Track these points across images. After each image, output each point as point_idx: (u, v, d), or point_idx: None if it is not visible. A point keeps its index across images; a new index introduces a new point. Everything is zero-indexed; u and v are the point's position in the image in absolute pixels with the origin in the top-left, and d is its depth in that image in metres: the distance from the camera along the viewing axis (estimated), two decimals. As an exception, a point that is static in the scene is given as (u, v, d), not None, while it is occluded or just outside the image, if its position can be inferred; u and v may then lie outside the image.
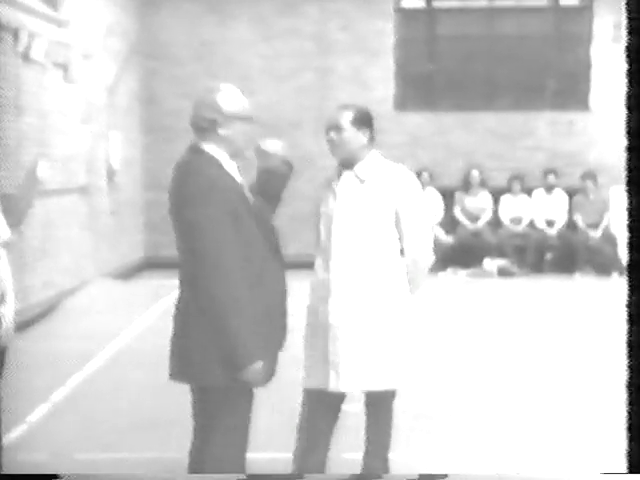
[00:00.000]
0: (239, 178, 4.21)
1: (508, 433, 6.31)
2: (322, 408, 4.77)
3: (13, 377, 5.05)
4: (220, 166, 4.15)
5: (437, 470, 5.36)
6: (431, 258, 4.77)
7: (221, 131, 4.17)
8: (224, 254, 4.00)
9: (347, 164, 4.73)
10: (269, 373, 4.18)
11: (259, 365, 4.02)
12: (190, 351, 4.12)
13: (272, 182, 4.47)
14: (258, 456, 4.69)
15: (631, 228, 3.98)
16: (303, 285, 4.91)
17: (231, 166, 4.20)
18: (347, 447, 5.21)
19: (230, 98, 4.19)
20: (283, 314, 4.28)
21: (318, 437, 4.78)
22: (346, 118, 4.67)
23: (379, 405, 4.83)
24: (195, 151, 4.20)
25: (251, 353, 4.01)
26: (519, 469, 5.60)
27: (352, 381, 4.65)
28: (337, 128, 4.68)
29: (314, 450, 4.79)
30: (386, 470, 4.88)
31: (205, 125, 4.18)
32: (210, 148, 4.18)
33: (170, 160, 4.34)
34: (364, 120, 4.71)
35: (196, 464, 4.28)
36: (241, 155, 4.23)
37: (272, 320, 4.19)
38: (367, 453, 4.92)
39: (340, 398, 4.78)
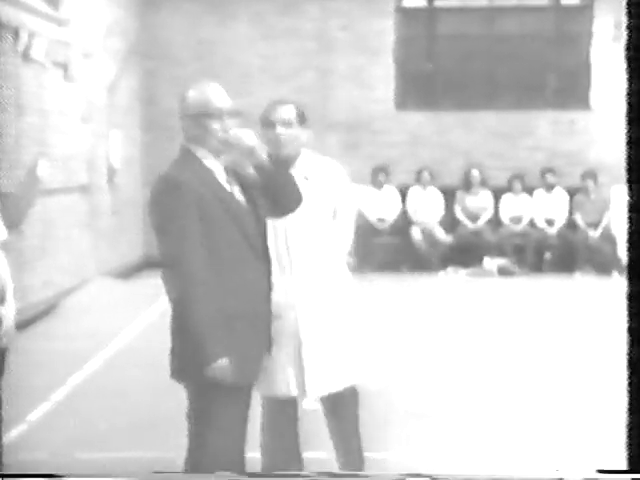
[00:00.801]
0: (222, 177, 4.14)
1: (508, 432, 6.31)
2: (284, 412, 4.66)
3: (13, 376, 5.04)
4: (196, 165, 4.10)
5: (437, 470, 5.36)
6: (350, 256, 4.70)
7: (191, 131, 4.14)
8: (180, 251, 3.99)
9: (289, 162, 4.50)
10: (249, 373, 4.16)
11: (224, 362, 3.99)
12: (181, 350, 4.13)
13: (263, 178, 4.13)
14: (259, 455, 4.69)
15: (631, 227, 3.98)
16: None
17: (214, 165, 4.14)
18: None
19: (194, 97, 4.11)
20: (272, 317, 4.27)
21: (282, 439, 4.70)
22: (292, 113, 4.50)
23: (345, 405, 4.71)
24: (180, 151, 4.20)
25: (214, 351, 3.99)
26: (517, 468, 5.60)
27: (327, 385, 4.54)
28: (286, 123, 4.48)
29: (281, 450, 4.71)
30: (362, 468, 4.79)
31: (181, 125, 4.18)
32: (193, 147, 4.15)
33: (170, 159, 4.33)
34: (304, 116, 4.55)
35: (193, 464, 4.27)
36: (221, 154, 4.15)
37: (253, 322, 4.15)
38: (343, 455, 4.79)
39: (297, 401, 4.67)
